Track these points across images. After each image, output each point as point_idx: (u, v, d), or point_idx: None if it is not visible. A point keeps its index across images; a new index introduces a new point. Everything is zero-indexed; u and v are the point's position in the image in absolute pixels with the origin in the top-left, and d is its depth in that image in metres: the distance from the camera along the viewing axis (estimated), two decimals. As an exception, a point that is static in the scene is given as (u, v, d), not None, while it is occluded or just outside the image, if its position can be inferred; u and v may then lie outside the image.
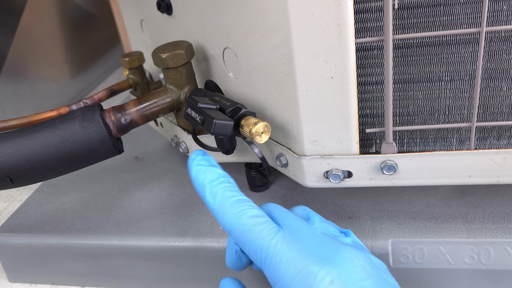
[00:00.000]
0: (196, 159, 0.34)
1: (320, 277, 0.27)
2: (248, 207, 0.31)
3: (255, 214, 0.31)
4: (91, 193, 0.53)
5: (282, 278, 0.28)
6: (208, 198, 0.32)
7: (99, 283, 0.48)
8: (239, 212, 0.31)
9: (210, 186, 0.32)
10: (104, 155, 0.39)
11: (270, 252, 0.29)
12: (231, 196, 0.32)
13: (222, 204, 0.31)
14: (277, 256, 0.29)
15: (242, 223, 0.30)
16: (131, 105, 0.41)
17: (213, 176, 0.33)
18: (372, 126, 0.37)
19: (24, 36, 0.81)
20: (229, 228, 0.31)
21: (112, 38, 1.08)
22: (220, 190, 0.32)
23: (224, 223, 0.31)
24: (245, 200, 0.32)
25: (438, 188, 0.45)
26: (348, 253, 0.29)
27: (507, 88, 0.34)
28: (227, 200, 0.31)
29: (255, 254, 0.30)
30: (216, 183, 0.32)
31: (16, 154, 0.37)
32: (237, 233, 0.30)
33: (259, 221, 0.30)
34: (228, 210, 0.31)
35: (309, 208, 0.37)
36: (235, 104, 0.36)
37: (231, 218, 0.31)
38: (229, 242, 0.36)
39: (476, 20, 0.32)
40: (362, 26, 0.33)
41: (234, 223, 0.30)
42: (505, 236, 0.38)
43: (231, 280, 0.36)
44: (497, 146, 0.36)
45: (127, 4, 0.57)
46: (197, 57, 0.45)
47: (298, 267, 0.28)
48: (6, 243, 0.48)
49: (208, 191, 0.32)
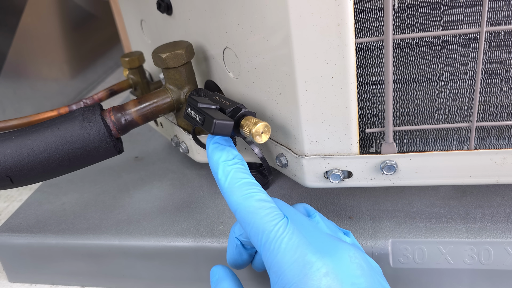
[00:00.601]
0: (215, 137, 0.34)
1: (316, 267, 0.28)
2: (257, 191, 0.32)
3: (263, 198, 0.31)
4: (91, 193, 0.53)
5: (278, 263, 0.29)
6: (220, 176, 0.33)
7: (99, 283, 0.48)
8: (247, 194, 0.31)
9: (224, 165, 0.33)
10: (104, 155, 0.39)
11: (271, 236, 0.30)
12: (242, 178, 0.32)
13: (233, 183, 0.32)
14: (277, 242, 0.29)
15: (249, 205, 0.31)
16: (131, 105, 0.41)
17: (229, 156, 0.33)
18: (372, 126, 0.37)
19: (24, 36, 0.81)
20: (235, 208, 0.31)
21: (112, 38, 1.08)
22: (233, 170, 0.33)
23: (231, 202, 0.32)
24: (255, 183, 0.32)
25: (438, 188, 0.45)
26: (346, 249, 0.30)
27: (507, 88, 0.34)
28: (238, 180, 0.32)
29: (256, 236, 0.30)
30: (230, 163, 0.33)
31: (16, 154, 0.37)
32: (242, 213, 0.31)
33: (265, 206, 0.31)
34: (237, 190, 0.32)
35: (310, 206, 0.37)
36: (235, 104, 0.36)
37: (238, 198, 0.31)
38: (231, 237, 0.36)
39: (476, 20, 0.32)
40: (362, 26, 0.33)
41: (241, 204, 0.31)
42: (505, 236, 0.38)
43: (222, 268, 0.36)
44: (497, 146, 0.36)
45: (127, 4, 0.57)
46: (197, 57, 0.45)
47: (296, 255, 0.29)
48: (6, 243, 0.48)
49: (221, 169, 0.33)
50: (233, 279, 0.35)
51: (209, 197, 0.49)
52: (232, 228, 0.37)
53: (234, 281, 0.35)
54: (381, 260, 0.40)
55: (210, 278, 0.36)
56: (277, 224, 0.30)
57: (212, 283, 0.35)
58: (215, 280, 0.35)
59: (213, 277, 0.36)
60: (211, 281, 0.36)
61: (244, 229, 0.32)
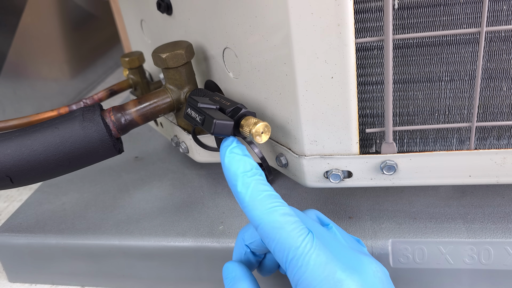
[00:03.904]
0: (231, 146, 0.33)
1: (346, 285, 0.28)
2: (280, 204, 0.31)
3: (287, 212, 0.30)
4: (91, 193, 0.53)
5: (307, 280, 0.28)
6: (240, 189, 0.31)
7: (99, 283, 0.48)
8: (271, 208, 0.30)
9: (243, 177, 0.31)
10: (104, 155, 0.39)
11: (298, 252, 0.29)
12: (263, 190, 0.31)
13: (254, 197, 0.31)
14: (305, 258, 0.29)
15: (273, 220, 0.30)
16: (131, 105, 0.41)
17: (247, 167, 0.32)
18: (372, 126, 0.37)
19: (24, 36, 0.81)
20: (258, 223, 0.30)
21: (112, 38, 1.08)
22: (253, 182, 0.31)
23: (253, 217, 0.31)
24: (276, 196, 0.31)
25: (438, 188, 0.45)
26: (370, 264, 0.30)
27: (507, 88, 0.34)
28: (259, 193, 0.31)
29: (281, 252, 0.29)
30: (250, 174, 0.32)
31: (16, 154, 0.37)
32: (266, 228, 0.30)
33: (290, 220, 0.30)
34: (259, 204, 0.30)
35: (322, 214, 0.37)
36: (235, 104, 0.36)
37: (262, 212, 0.30)
38: (239, 244, 0.35)
39: (476, 20, 0.32)
40: (362, 26, 0.33)
41: (264, 219, 0.30)
42: (505, 236, 0.38)
43: (239, 267, 0.34)
44: (497, 146, 0.36)
45: (127, 4, 0.57)
46: (197, 57, 0.45)
47: (325, 271, 0.28)
48: (6, 243, 0.48)
49: (241, 181, 0.31)
50: (251, 280, 0.34)
51: (209, 197, 0.49)
52: (241, 234, 0.36)
53: (252, 282, 0.33)
54: (381, 260, 0.40)
55: (224, 274, 0.35)
56: (304, 240, 0.29)
57: (227, 280, 0.34)
58: (231, 278, 0.34)
59: (229, 274, 0.34)
60: (225, 277, 0.34)
61: (267, 244, 0.30)
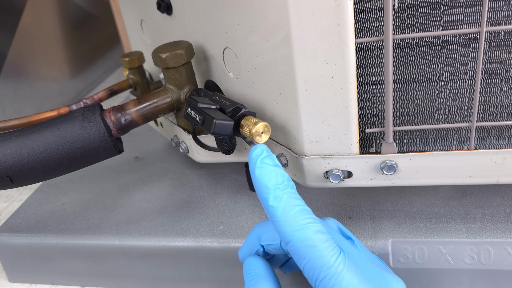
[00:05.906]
0: (261, 156, 0.31)
1: None
2: (312, 220, 0.30)
3: (319, 230, 0.29)
4: (91, 193, 0.53)
5: None
6: (272, 202, 0.30)
7: (99, 283, 0.48)
8: (304, 225, 0.29)
9: (275, 190, 0.30)
10: (104, 155, 0.39)
11: (331, 272, 0.28)
12: (296, 205, 0.30)
13: (286, 212, 0.29)
14: (337, 278, 0.28)
15: (306, 237, 0.29)
16: (131, 105, 0.41)
17: (279, 179, 0.30)
18: (372, 126, 0.37)
19: (24, 36, 0.81)
20: (290, 239, 0.29)
21: (112, 38, 1.08)
22: (285, 195, 0.30)
23: (285, 233, 0.29)
24: (308, 211, 0.30)
25: (438, 188, 0.45)
26: (395, 282, 0.32)
27: (507, 88, 0.34)
28: (292, 208, 0.30)
29: (312, 270, 0.29)
30: (282, 187, 0.30)
31: (16, 154, 0.37)
32: (298, 246, 0.29)
33: (323, 238, 0.29)
34: (292, 220, 0.29)
35: (340, 224, 0.37)
36: (235, 104, 0.36)
37: (294, 229, 0.29)
38: (253, 239, 0.35)
39: (476, 20, 0.32)
40: (362, 26, 0.33)
41: (297, 236, 0.29)
42: (505, 236, 0.38)
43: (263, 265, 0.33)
44: (497, 146, 0.36)
45: (127, 4, 0.57)
46: (197, 57, 0.45)
47: None
48: (6, 243, 0.48)
49: (273, 195, 0.30)
50: (275, 281, 0.33)
51: (209, 197, 0.49)
52: (257, 231, 0.35)
53: (276, 282, 0.33)
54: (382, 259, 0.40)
55: (246, 269, 0.34)
56: (337, 260, 0.28)
57: (249, 275, 0.33)
58: (254, 274, 0.33)
59: (251, 271, 0.33)
60: (247, 272, 0.33)
61: (296, 260, 0.30)
